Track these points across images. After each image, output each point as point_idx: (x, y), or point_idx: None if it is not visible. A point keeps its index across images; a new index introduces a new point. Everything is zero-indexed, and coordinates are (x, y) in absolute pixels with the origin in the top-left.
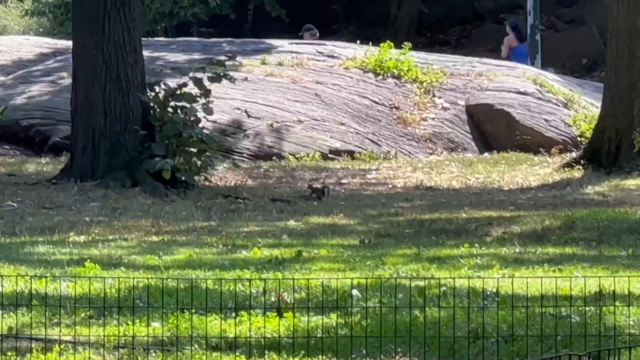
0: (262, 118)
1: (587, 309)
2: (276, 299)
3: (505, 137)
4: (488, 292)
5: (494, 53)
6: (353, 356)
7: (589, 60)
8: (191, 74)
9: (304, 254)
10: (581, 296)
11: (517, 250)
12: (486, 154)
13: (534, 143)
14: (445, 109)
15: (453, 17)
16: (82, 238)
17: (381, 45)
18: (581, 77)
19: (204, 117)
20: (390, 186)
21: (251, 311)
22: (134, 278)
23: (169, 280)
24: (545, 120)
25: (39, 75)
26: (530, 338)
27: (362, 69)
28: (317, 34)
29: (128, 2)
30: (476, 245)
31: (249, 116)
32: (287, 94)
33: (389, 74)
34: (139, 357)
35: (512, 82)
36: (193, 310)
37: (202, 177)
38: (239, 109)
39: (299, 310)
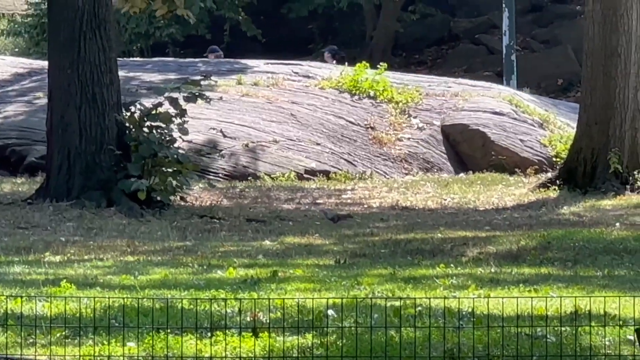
0: (237, 138)
1: (563, 329)
2: (252, 319)
3: (480, 157)
4: (464, 312)
5: (469, 73)
6: None
7: (565, 80)
8: (167, 94)
9: (279, 274)
10: (557, 316)
11: (492, 270)
12: (462, 174)
13: (509, 163)
14: (420, 129)
15: (428, 38)
16: (57, 258)
17: (357, 65)
18: (557, 97)
19: (180, 137)
20: (365, 206)
21: (227, 331)
22: (109, 298)
23: (145, 300)
24: (521, 140)
25: (14, 95)
26: (506, 358)
27: (337, 89)
28: (222, 55)
29: (104, 22)
30: (452, 265)
31: (224, 136)
32: (263, 114)
33: (364, 94)
34: None
35: (487, 102)
36: (168, 330)
37: (178, 197)
38: (214, 129)
39: (275, 330)
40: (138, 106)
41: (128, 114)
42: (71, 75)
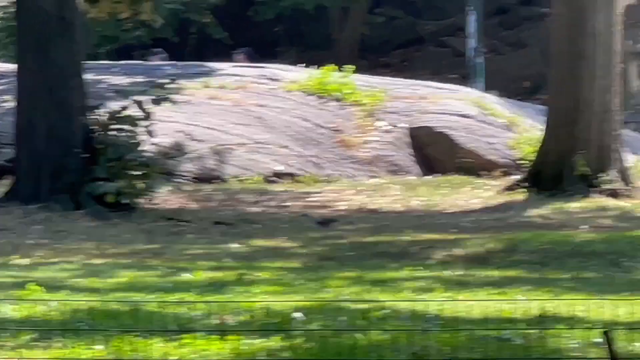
0: (204, 141)
1: (531, 331)
2: (219, 321)
3: (447, 160)
4: (431, 315)
5: (436, 76)
6: None
7: (532, 83)
8: (134, 97)
9: (246, 277)
10: (524, 319)
11: (460, 273)
12: (429, 177)
13: (476, 166)
14: (387, 131)
15: (395, 40)
16: (25, 261)
17: (324, 68)
18: (523, 99)
19: (147, 140)
20: (332, 209)
21: (194, 334)
22: (77, 301)
23: (112, 303)
24: (488, 143)
25: None
26: None
27: (304, 92)
28: (167, 57)
29: (71, 26)
30: (419, 268)
31: (191, 139)
32: (230, 116)
33: (331, 97)
34: None
35: (454, 105)
36: (136, 333)
37: (145, 200)
38: (181, 132)
39: (242, 333)
40: (105, 109)
41: (95, 117)
42: (39, 78)
